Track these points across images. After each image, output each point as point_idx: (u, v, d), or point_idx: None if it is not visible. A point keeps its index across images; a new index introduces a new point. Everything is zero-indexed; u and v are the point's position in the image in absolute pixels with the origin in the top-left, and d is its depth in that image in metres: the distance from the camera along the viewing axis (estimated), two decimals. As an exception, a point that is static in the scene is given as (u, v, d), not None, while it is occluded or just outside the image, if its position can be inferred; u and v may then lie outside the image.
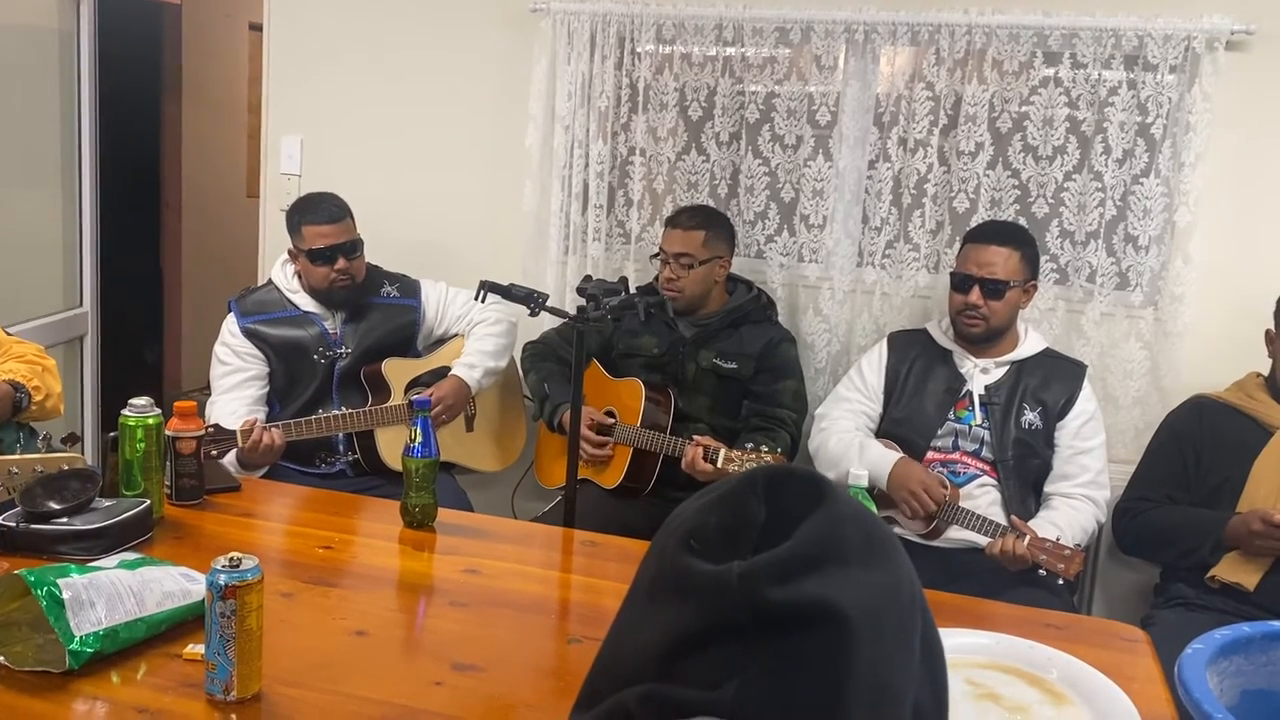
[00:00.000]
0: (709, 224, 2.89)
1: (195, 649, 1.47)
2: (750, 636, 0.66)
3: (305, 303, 2.89)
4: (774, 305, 3.04)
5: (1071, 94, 2.86)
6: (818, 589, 0.67)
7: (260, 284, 3.06)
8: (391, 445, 2.85)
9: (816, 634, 0.66)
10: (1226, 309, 2.86)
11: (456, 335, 3.06)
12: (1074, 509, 2.60)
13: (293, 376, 2.86)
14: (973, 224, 2.86)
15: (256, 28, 5.26)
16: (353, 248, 2.84)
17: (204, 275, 5.26)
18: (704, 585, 0.68)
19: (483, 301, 2.36)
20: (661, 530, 0.76)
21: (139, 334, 5.13)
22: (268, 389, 2.87)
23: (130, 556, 1.65)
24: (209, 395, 2.88)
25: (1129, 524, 2.64)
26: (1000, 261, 2.62)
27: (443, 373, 2.95)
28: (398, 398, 2.89)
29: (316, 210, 2.82)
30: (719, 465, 2.55)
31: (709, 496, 0.75)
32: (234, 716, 1.36)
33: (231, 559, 1.37)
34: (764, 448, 2.55)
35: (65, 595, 1.42)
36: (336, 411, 2.82)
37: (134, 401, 1.96)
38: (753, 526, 0.70)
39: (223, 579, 1.35)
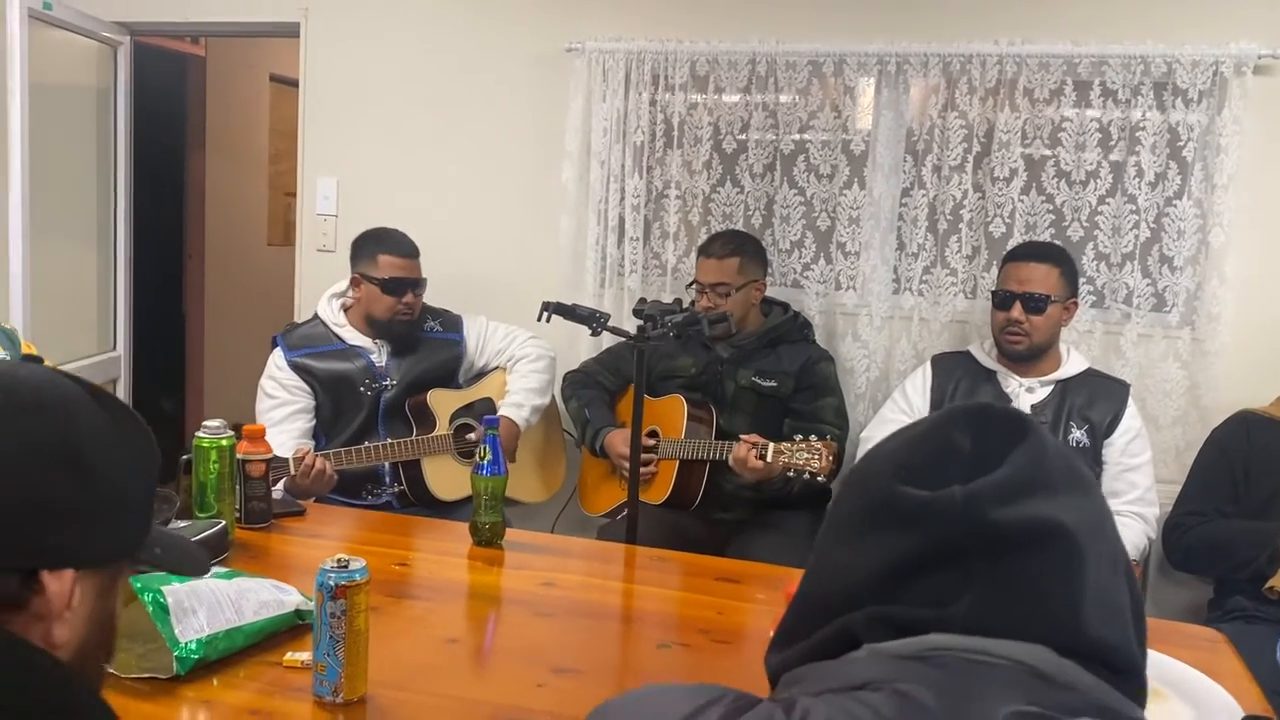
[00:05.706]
0: (741, 249, 2.92)
1: (295, 656, 1.47)
2: (974, 556, 0.68)
3: (351, 336, 2.91)
4: (810, 325, 3.06)
5: (1102, 120, 2.92)
6: (1042, 509, 0.69)
7: (304, 319, 3.08)
8: (438, 476, 2.86)
9: (1047, 550, 0.68)
10: (1263, 326, 2.90)
11: (497, 368, 3.09)
12: (1124, 526, 2.60)
13: (339, 409, 2.87)
14: (1009, 248, 2.90)
15: (277, 79, 5.36)
16: (418, 285, 2.90)
17: (225, 324, 5.27)
18: (925, 510, 0.70)
19: (547, 321, 2.39)
20: (858, 470, 0.78)
21: (161, 381, 5.13)
22: (314, 422, 2.88)
23: (222, 569, 1.65)
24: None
25: (1180, 539, 2.65)
26: (1040, 277, 2.66)
27: (487, 402, 2.97)
28: (443, 428, 2.90)
29: (395, 243, 2.89)
30: (768, 460, 2.55)
31: (906, 435, 0.77)
32: (341, 717, 1.35)
33: (339, 560, 1.38)
34: (813, 436, 2.55)
35: (169, 601, 1.43)
36: (383, 442, 2.83)
37: (208, 423, 1.98)
38: (961, 457, 0.72)
39: (333, 579, 1.35)
